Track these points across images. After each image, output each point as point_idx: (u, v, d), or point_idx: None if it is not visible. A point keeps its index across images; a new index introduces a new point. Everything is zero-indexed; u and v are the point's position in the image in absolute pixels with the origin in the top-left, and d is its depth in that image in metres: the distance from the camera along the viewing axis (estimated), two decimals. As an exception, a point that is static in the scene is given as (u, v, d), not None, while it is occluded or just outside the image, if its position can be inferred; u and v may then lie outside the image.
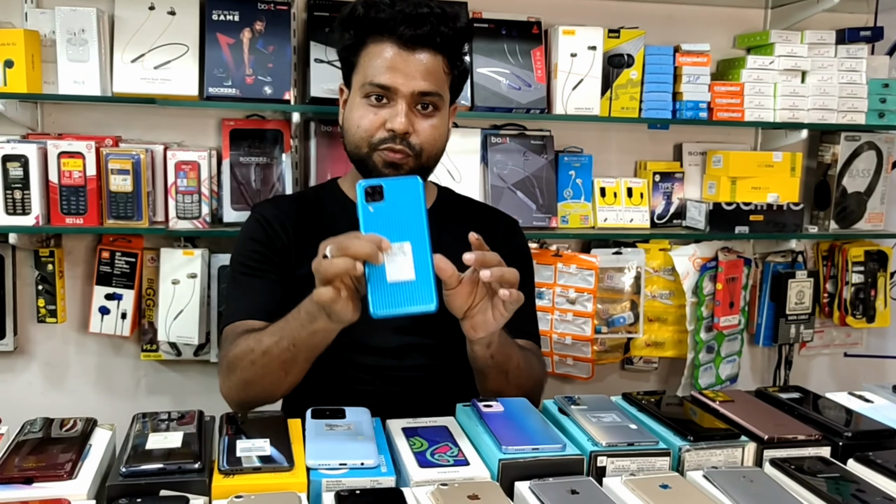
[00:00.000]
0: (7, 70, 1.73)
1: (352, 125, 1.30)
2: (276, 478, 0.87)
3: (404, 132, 1.25)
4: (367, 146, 1.28)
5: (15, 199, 1.74)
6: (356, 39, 1.29)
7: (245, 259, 1.35)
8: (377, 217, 0.98)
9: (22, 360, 1.99)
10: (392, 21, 1.24)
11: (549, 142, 2.09)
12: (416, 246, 0.98)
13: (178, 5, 1.83)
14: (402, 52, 1.25)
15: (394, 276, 0.97)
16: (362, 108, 1.28)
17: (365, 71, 1.27)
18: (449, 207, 1.45)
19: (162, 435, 0.95)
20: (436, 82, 1.27)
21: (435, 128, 1.29)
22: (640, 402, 1.11)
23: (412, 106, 1.27)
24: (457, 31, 1.28)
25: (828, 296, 2.32)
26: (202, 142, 1.97)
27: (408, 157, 1.28)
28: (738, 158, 2.14)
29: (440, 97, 1.29)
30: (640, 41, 2.04)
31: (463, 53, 1.33)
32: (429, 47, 1.26)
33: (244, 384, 1.20)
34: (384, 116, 1.26)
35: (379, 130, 1.27)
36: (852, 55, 2.14)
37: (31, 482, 0.85)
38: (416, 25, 1.23)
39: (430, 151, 1.30)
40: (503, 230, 1.46)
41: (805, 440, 1.00)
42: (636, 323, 2.13)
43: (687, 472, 0.94)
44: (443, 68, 1.28)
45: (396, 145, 1.26)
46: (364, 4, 1.27)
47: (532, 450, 0.93)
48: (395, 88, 1.25)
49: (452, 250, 1.36)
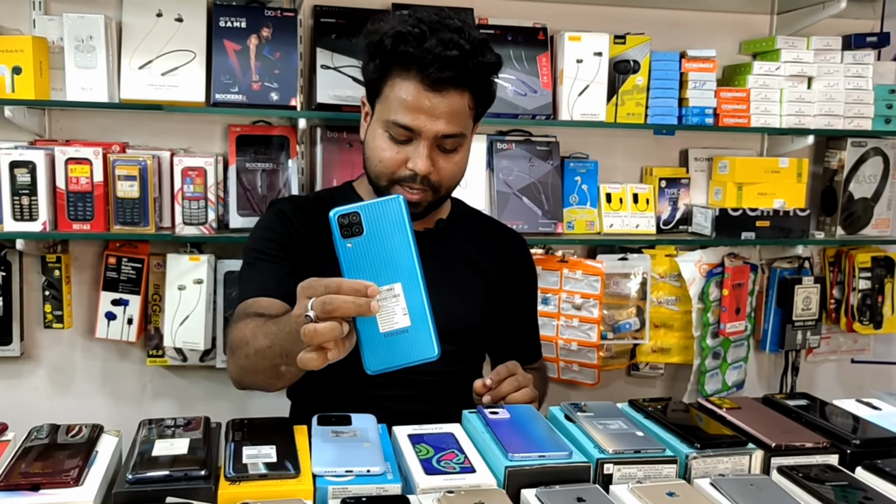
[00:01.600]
0: (15, 76, 1.74)
1: (373, 155, 1.29)
2: (283, 485, 0.87)
3: (426, 174, 1.25)
4: (386, 180, 1.28)
5: (22, 205, 1.74)
6: (381, 71, 1.25)
7: (259, 246, 1.34)
8: (358, 255, 0.86)
9: (28, 365, 1.99)
10: (420, 61, 1.20)
11: (554, 148, 2.09)
12: (407, 286, 0.86)
13: (185, 12, 1.84)
14: (428, 93, 1.22)
15: (386, 326, 0.86)
16: (384, 141, 1.27)
17: (389, 105, 1.25)
18: (462, 222, 1.46)
19: (168, 441, 0.95)
20: (459, 123, 1.25)
21: (456, 164, 1.29)
22: (646, 409, 1.11)
23: (434, 146, 1.25)
24: (485, 66, 1.25)
25: (835, 302, 2.31)
26: (208, 148, 1.97)
27: (426, 193, 1.28)
28: (745, 164, 2.13)
29: (464, 136, 1.28)
30: (646, 47, 2.04)
31: (491, 86, 1.30)
32: (456, 87, 1.23)
33: (241, 370, 1.19)
34: (406, 154, 1.25)
35: (400, 168, 1.26)
36: (858, 61, 2.14)
37: (37, 489, 0.85)
38: (444, 68, 1.20)
39: (450, 185, 1.32)
40: (511, 249, 1.49)
41: (813, 448, 1.00)
42: (642, 329, 2.12)
43: (694, 479, 0.94)
44: (468, 104, 1.26)
45: (416, 184, 1.26)
46: (393, 37, 1.22)
47: (538, 457, 0.93)
48: (418, 130, 1.23)
49: (461, 266, 1.37)
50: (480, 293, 1.41)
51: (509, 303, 1.46)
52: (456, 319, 1.34)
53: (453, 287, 1.37)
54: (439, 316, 1.30)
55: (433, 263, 1.35)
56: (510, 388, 1.20)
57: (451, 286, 1.36)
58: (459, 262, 1.40)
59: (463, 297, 1.38)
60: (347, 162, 1.96)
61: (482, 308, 1.41)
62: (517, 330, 1.51)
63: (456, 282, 1.38)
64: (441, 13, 1.25)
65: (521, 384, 1.21)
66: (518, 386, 1.21)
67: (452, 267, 1.39)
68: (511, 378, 1.21)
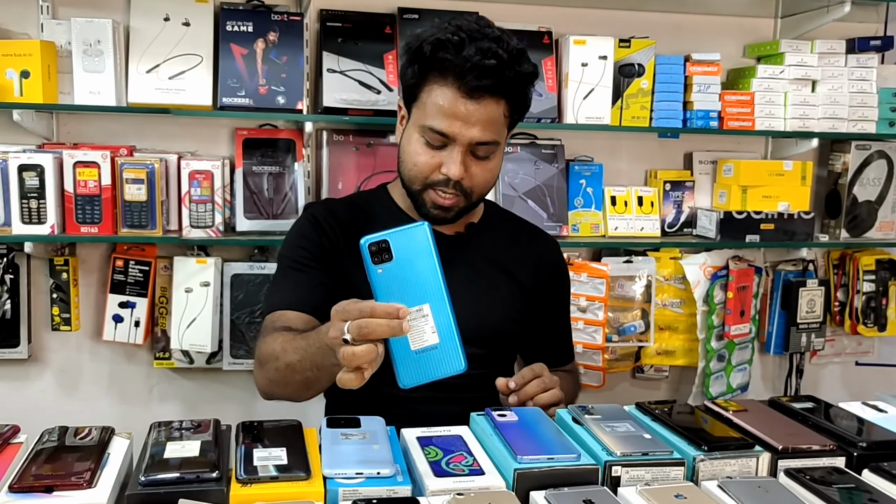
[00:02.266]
0: (23, 80, 1.75)
1: (408, 158, 1.31)
2: (294, 487, 0.88)
3: (459, 179, 1.27)
4: (420, 184, 1.30)
5: (31, 208, 1.75)
6: (419, 76, 1.27)
7: (292, 254, 1.36)
8: (389, 280, 0.92)
9: (36, 367, 2.00)
10: (458, 69, 1.22)
11: (559, 151, 2.10)
12: (435, 306, 0.93)
13: (192, 16, 1.85)
14: (464, 100, 1.23)
15: (417, 345, 0.92)
16: (419, 145, 1.29)
17: (425, 110, 1.27)
18: (493, 224, 1.47)
19: (179, 444, 0.95)
20: (494, 130, 1.27)
21: (489, 171, 1.31)
22: (653, 412, 1.11)
23: (468, 152, 1.27)
24: (522, 77, 1.27)
25: (839, 304, 2.32)
26: (215, 151, 1.98)
27: (458, 198, 1.30)
28: (749, 167, 2.14)
29: (496, 144, 1.29)
30: (650, 51, 2.05)
31: (526, 93, 1.31)
32: (492, 95, 1.24)
33: (270, 383, 1.23)
34: (440, 160, 1.27)
35: (434, 172, 1.28)
36: (862, 64, 2.15)
37: (51, 491, 0.86)
38: (482, 76, 1.22)
39: (482, 192, 1.33)
40: (543, 252, 1.50)
41: (820, 450, 1.00)
42: (647, 331, 2.13)
43: (701, 481, 0.95)
44: (503, 112, 1.28)
45: (449, 189, 1.28)
46: (432, 44, 1.24)
47: (547, 459, 0.93)
48: (453, 136, 1.25)
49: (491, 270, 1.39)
50: (510, 296, 1.42)
51: (540, 306, 1.47)
52: (485, 323, 1.36)
53: (483, 291, 1.38)
54: (468, 319, 1.33)
55: (463, 267, 1.38)
56: (537, 389, 1.21)
57: (480, 290, 1.38)
58: (489, 266, 1.42)
59: (492, 301, 1.39)
60: (353, 165, 1.97)
61: (511, 312, 1.42)
62: (548, 332, 1.51)
63: (486, 285, 1.39)
64: (480, 22, 1.28)
65: (547, 385, 1.22)
66: (545, 388, 1.22)
67: (482, 271, 1.40)
68: (537, 380, 1.22)
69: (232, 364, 1.95)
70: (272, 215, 1.92)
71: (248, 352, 1.94)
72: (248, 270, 1.93)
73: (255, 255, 1.97)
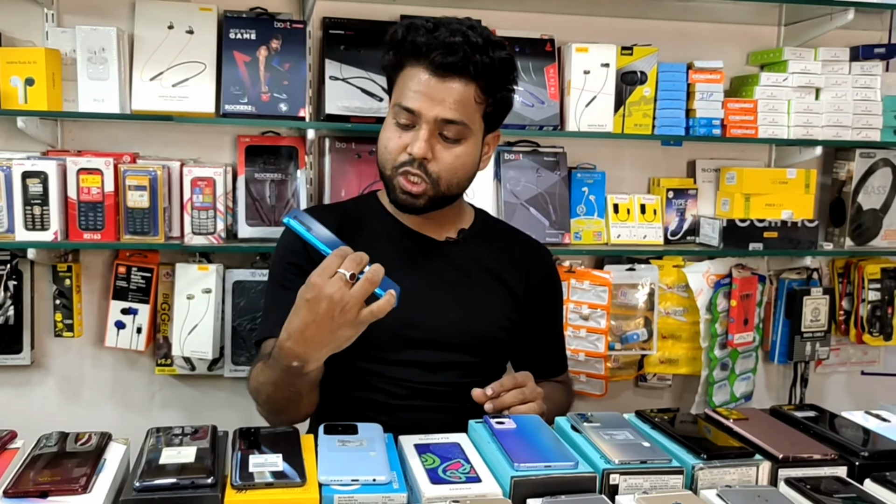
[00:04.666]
0: (28, 88, 1.76)
1: (381, 144, 1.32)
2: (289, 493, 0.88)
3: (422, 157, 1.27)
4: (389, 167, 1.31)
5: (34, 214, 1.76)
6: (395, 61, 1.31)
7: (279, 271, 1.37)
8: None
9: (38, 374, 2.00)
10: (426, 47, 1.25)
11: (562, 158, 2.10)
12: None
13: (196, 24, 1.86)
14: (433, 79, 1.26)
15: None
16: (391, 129, 1.30)
17: (398, 92, 1.30)
18: (485, 232, 1.46)
19: (176, 450, 0.95)
20: (463, 111, 1.27)
21: (457, 157, 1.29)
22: (653, 420, 1.10)
23: (435, 133, 1.27)
24: (493, 61, 1.27)
25: (844, 313, 2.30)
26: (218, 158, 1.99)
27: (426, 185, 1.29)
28: (752, 175, 2.13)
29: (466, 126, 1.28)
30: (653, 58, 2.05)
31: (504, 83, 1.32)
32: (460, 75, 1.26)
33: (267, 413, 1.28)
34: (407, 140, 1.28)
35: (401, 153, 1.28)
36: (866, 72, 2.14)
37: (46, 496, 0.86)
38: (448, 53, 1.24)
39: (450, 180, 1.31)
40: (535, 261, 1.49)
41: (821, 459, 0.99)
42: (650, 339, 2.12)
43: (700, 490, 0.94)
44: (474, 97, 1.28)
45: (413, 169, 1.28)
46: (405, 27, 1.28)
47: (544, 467, 0.93)
48: (419, 113, 1.26)
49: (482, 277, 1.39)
50: (501, 304, 1.40)
51: (532, 315, 1.45)
52: (475, 330, 1.36)
53: (473, 297, 1.37)
54: (459, 325, 1.33)
55: (454, 272, 1.38)
56: (514, 400, 1.20)
57: (471, 297, 1.37)
58: (480, 273, 1.40)
59: (483, 308, 1.38)
60: (356, 172, 1.97)
61: (502, 320, 1.40)
62: (540, 342, 1.49)
63: (476, 292, 1.38)
64: (466, 21, 1.30)
65: (526, 397, 1.21)
66: (523, 399, 1.21)
67: (473, 277, 1.39)
68: (516, 390, 1.21)
69: (233, 371, 1.94)
70: (274, 222, 1.92)
71: (248, 359, 1.94)
72: (250, 277, 1.93)
73: (257, 262, 1.97)
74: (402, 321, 1.22)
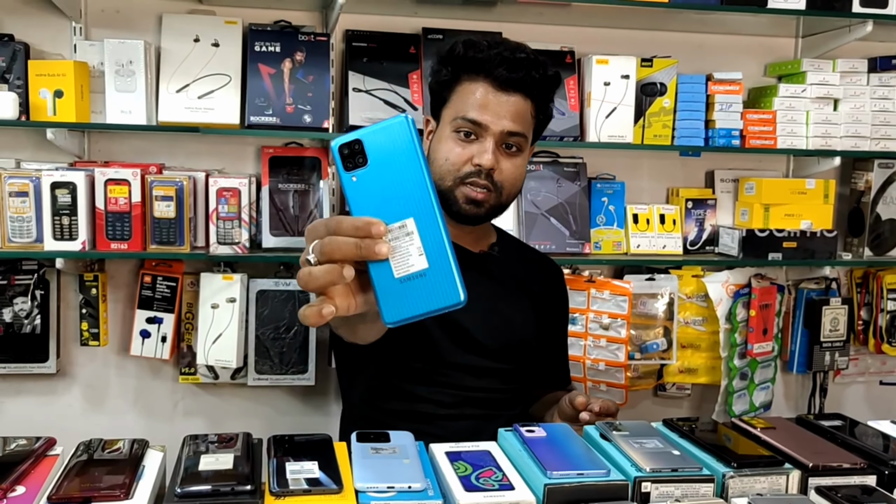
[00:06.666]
0: (57, 100, 1.79)
1: (439, 157, 1.34)
2: (326, 500, 0.89)
3: (490, 168, 1.30)
4: (451, 179, 1.33)
5: (63, 224, 1.79)
6: (452, 76, 1.34)
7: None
8: (364, 190, 0.73)
9: (63, 382, 2.03)
10: (489, 62, 1.29)
11: (582, 169, 2.11)
12: (421, 221, 0.72)
13: (221, 37, 1.88)
14: (496, 93, 1.30)
15: (401, 270, 0.72)
16: (451, 141, 1.33)
17: (457, 106, 1.32)
18: (508, 246, 1.51)
19: (213, 457, 0.96)
20: (523, 124, 1.32)
21: (517, 167, 1.34)
22: (680, 429, 1.11)
23: (499, 144, 1.31)
24: (546, 78, 1.33)
25: (862, 323, 2.30)
26: (242, 169, 2.02)
27: (490, 194, 1.32)
28: (771, 185, 2.14)
29: (525, 139, 1.34)
30: (672, 70, 2.07)
31: (549, 100, 1.38)
32: (520, 91, 1.31)
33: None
34: (472, 152, 1.31)
35: (465, 165, 1.31)
36: (884, 83, 2.15)
37: (89, 502, 0.87)
38: (512, 69, 1.29)
39: (511, 190, 1.35)
40: (549, 276, 1.56)
41: (850, 468, 1.00)
42: (669, 349, 2.13)
43: (731, 498, 0.94)
44: (530, 112, 1.33)
45: (481, 180, 1.31)
46: (464, 44, 1.32)
47: (577, 475, 0.93)
48: (486, 125, 1.29)
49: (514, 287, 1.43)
50: (530, 313, 1.46)
51: (546, 327, 1.51)
52: (512, 338, 1.40)
53: (511, 306, 1.42)
54: (498, 334, 1.34)
55: (490, 284, 1.41)
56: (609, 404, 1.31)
57: (508, 305, 1.41)
58: (513, 283, 1.45)
59: (518, 317, 1.42)
60: (377, 183, 1.99)
61: (533, 329, 1.45)
62: (552, 354, 1.55)
63: (512, 300, 1.43)
64: (508, 41, 1.36)
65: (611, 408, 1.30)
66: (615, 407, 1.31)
67: (508, 287, 1.44)
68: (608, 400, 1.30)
69: (257, 380, 1.96)
70: (298, 232, 1.95)
71: (272, 367, 1.95)
72: (274, 287, 1.95)
73: (281, 272, 1.99)
74: (455, 325, 1.28)
